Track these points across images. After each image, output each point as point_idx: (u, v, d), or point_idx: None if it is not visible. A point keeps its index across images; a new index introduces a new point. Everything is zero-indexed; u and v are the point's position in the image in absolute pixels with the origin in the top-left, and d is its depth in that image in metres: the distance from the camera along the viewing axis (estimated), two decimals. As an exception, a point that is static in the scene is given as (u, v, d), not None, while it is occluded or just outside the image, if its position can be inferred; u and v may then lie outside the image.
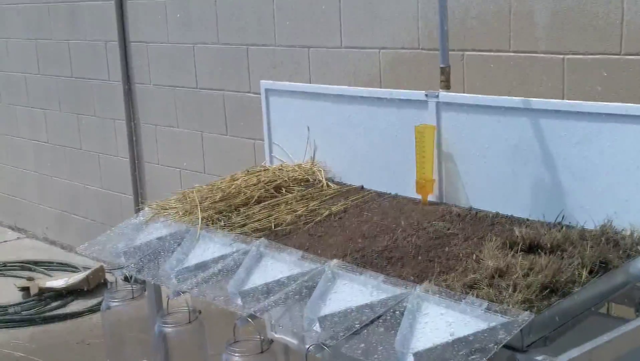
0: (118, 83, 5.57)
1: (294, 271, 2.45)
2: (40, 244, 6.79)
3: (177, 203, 3.04)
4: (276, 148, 3.47)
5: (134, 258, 2.82)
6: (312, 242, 2.62)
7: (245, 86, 4.69)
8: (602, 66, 3.09)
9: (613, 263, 2.12)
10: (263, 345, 2.51)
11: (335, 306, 2.22)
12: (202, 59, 4.93)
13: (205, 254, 2.70)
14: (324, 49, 4.18)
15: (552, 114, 2.54)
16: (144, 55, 5.35)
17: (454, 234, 2.51)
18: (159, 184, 5.51)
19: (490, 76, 3.46)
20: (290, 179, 3.15)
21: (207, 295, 2.52)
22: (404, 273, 2.26)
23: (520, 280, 2.02)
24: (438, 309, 2.04)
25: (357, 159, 3.17)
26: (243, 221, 2.83)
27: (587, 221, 2.42)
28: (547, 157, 2.56)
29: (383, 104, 3.03)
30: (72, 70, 6.06)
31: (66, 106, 6.25)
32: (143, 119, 5.50)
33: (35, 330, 5.04)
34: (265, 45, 4.50)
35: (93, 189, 6.19)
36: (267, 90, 3.48)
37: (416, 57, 3.74)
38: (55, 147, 6.48)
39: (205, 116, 5.02)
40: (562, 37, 3.19)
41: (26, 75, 6.57)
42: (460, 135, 2.80)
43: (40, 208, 6.83)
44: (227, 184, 3.15)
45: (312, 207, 2.91)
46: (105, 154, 5.97)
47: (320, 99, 3.27)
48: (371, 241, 2.55)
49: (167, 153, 5.40)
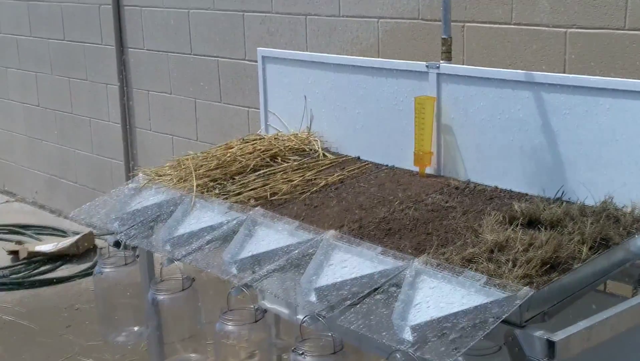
0: (111, 47, 5.52)
1: (290, 241, 2.42)
2: (29, 208, 6.75)
3: (172, 170, 3.01)
4: (272, 117, 3.44)
5: (127, 224, 2.79)
6: (308, 212, 2.59)
7: (240, 53, 4.64)
8: (605, 40, 3.06)
9: (613, 240, 2.11)
10: (257, 314, 2.50)
11: (332, 277, 2.19)
12: (197, 24, 4.88)
13: (199, 222, 2.68)
14: (322, 17, 4.13)
15: (554, 88, 2.51)
16: (138, 20, 5.28)
17: (452, 208, 2.49)
18: (150, 151, 5.47)
19: (490, 48, 3.42)
20: (286, 149, 3.12)
21: (201, 263, 2.50)
22: (402, 246, 2.24)
23: (520, 255, 2.00)
24: (436, 282, 2.02)
25: (354, 130, 3.14)
26: (238, 189, 2.81)
27: (587, 197, 2.40)
28: (547, 132, 2.54)
29: (382, 74, 2.99)
30: (65, 33, 5.99)
31: (58, 69, 6.18)
32: (135, 85, 5.46)
33: (24, 294, 5.02)
34: (261, 12, 4.45)
35: (83, 154, 6.14)
36: (264, 57, 3.44)
37: (415, 27, 3.70)
38: (45, 110, 6.42)
39: (199, 82, 4.97)
40: (565, 11, 3.15)
41: (17, 37, 6.49)
42: (460, 107, 2.77)
43: (29, 171, 6.79)
44: (222, 152, 3.11)
45: (308, 177, 2.88)
46: (97, 119, 5.92)
47: (319, 68, 3.23)
48: (368, 212, 2.53)
49: (159, 119, 5.35)
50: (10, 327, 4.57)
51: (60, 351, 4.26)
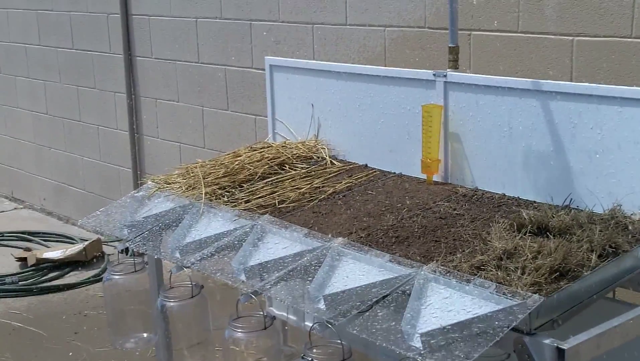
0: (119, 56, 5.54)
1: (298, 248, 2.43)
2: (37, 215, 6.77)
3: (180, 178, 3.02)
4: (279, 125, 3.45)
5: (136, 231, 2.81)
6: (317, 220, 2.60)
7: (247, 61, 4.65)
8: (611, 48, 3.06)
9: (622, 248, 2.11)
10: (266, 321, 2.51)
11: (341, 284, 2.20)
12: (205, 33, 4.90)
13: (208, 229, 2.69)
14: (329, 26, 4.14)
15: (561, 96, 2.52)
16: (146, 29, 5.31)
17: (460, 215, 2.50)
18: (158, 158, 5.49)
19: (497, 57, 3.43)
20: (294, 156, 3.13)
21: (210, 271, 2.51)
22: (410, 253, 2.25)
23: (529, 263, 2.00)
24: (445, 290, 2.03)
25: (362, 138, 3.15)
26: (247, 197, 2.82)
27: (596, 205, 2.41)
28: (554, 139, 2.54)
29: (390, 82, 3.01)
30: (73, 42, 6.01)
31: (66, 78, 6.20)
32: (143, 93, 5.48)
33: (32, 300, 5.03)
34: (268, 20, 4.46)
35: (91, 161, 6.16)
36: (272, 66, 3.45)
37: (422, 35, 3.71)
38: (54, 118, 6.44)
39: (207, 90, 4.99)
40: (572, 19, 3.16)
41: (26, 46, 6.52)
42: (467, 115, 2.78)
43: (38, 178, 6.81)
44: (230, 160, 3.13)
45: (316, 184, 2.89)
46: (105, 127, 5.94)
47: (326, 77, 3.24)
48: (376, 220, 2.54)
49: (167, 127, 5.37)
50: (18, 333, 4.58)
51: (69, 357, 4.27)
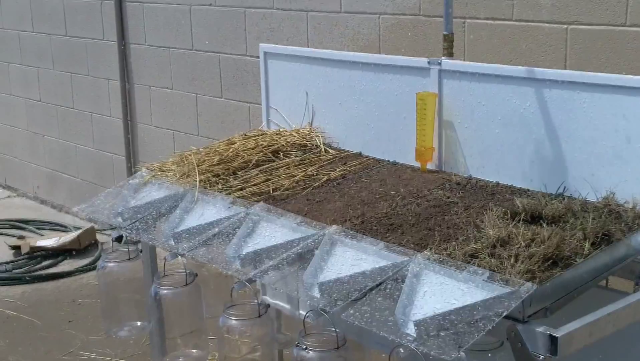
0: (113, 43, 5.53)
1: (292, 236, 2.43)
2: (30, 203, 6.76)
3: (175, 165, 3.01)
4: (273, 112, 3.44)
5: (130, 219, 2.80)
6: (311, 207, 2.60)
7: (241, 48, 4.64)
8: (606, 36, 3.06)
9: (615, 236, 2.11)
10: (260, 309, 2.51)
11: (334, 272, 2.20)
12: (199, 20, 4.88)
13: (202, 217, 2.68)
14: (323, 13, 4.13)
15: (555, 84, 2.52)
16: (140, 16, 5.29)
17: (453, 203, 2.50)
18: (151, 146, 5.48)
19: (491, 44, 3.43)
20: (288, 144, 3.13)
21: (204, 258, 2.51)
22: (404, 241, 2.25)
23: (522, 251, 2.01)
24: (439, 277, 2.03)
25: (356, 125, 3.14)
26: (241, 184, 2.82)
27: (589, 193, 2.41)
28: (549, 128, 2.55)
29: (384, 70, 3.00)
30: (67, 28, 5.99)
31: (59, 65, 6.18)
32: (137, 80, 5.47)
33: (26, 289, 5.03)
34: (263, 7, 4.45)
35: (85, 149, 6.15)
36: (266, 53, 3.44)
37: (416, 23, 3.71)
38: (47, 105, 6.42)
39: (201, 78, 4.98)
40: (566, 7, 3.16)
41: (20, 32, 6.50)
42: (461, 103, 2.78)
43: (31, 166, 6.79)
44: (224, 147, 3.12)
45: (310, 172, 2.89)
46: (98, 114, 5.92)
47: (320, 64, 3.24)
48: (370, 207, 2.54)
49: (160, 115, 5.36)
50: (12, 321, 4.59)
51: (63, 345, 4.27)
